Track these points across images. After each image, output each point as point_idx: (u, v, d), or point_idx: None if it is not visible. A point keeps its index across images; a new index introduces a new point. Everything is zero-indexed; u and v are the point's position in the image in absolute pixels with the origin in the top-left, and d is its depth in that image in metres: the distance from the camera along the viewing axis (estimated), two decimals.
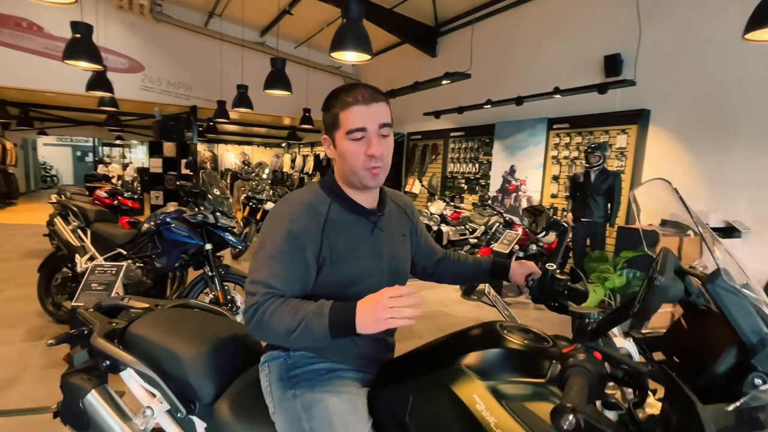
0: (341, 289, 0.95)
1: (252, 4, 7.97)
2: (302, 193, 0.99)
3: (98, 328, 1.03)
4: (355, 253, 0.98)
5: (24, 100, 9.76)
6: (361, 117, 0.92)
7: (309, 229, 0.91)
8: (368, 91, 0.95)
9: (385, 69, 9.64)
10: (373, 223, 1.05)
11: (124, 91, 8.71)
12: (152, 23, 8.73)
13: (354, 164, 0.94)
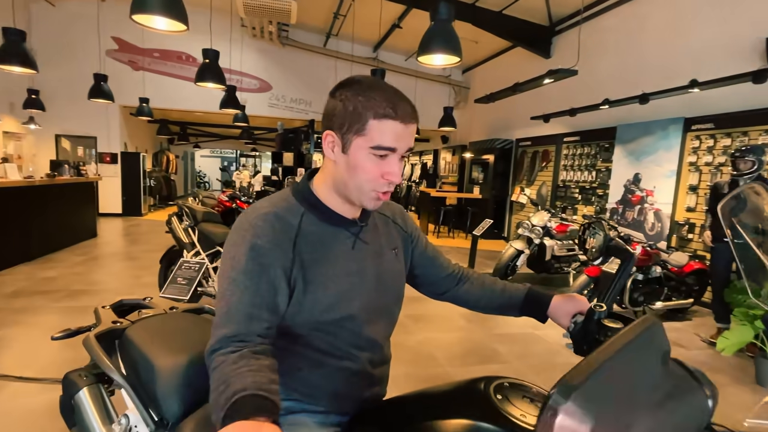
0: (319, 314, 0.78)
1: (365, 22, 8.27)
2: (269, 202, 0.82)
3: (97, 327, 1.04)
4: (335, 270, 0.80)
5: (182, 119, 11.71)
6: (396, 136, 0.74)
7: (277, 244, 0.75)
8: (408, 107, 0.76)
9: (496, 74, 9.17)
10: (355, 234, 0.86)
11: (256, 108, 9.80)
12: (279, 47, 9.66)
13: (365, 183, 0.77)
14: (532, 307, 0.97)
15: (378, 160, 0.76)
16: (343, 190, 0.81)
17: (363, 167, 0.76)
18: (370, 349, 0.86)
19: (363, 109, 0.75)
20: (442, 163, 12.78)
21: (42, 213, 5.34)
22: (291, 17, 6.51)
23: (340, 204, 0.84)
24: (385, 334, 0.91)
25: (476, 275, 1.07)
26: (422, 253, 1.02)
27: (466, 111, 10.94)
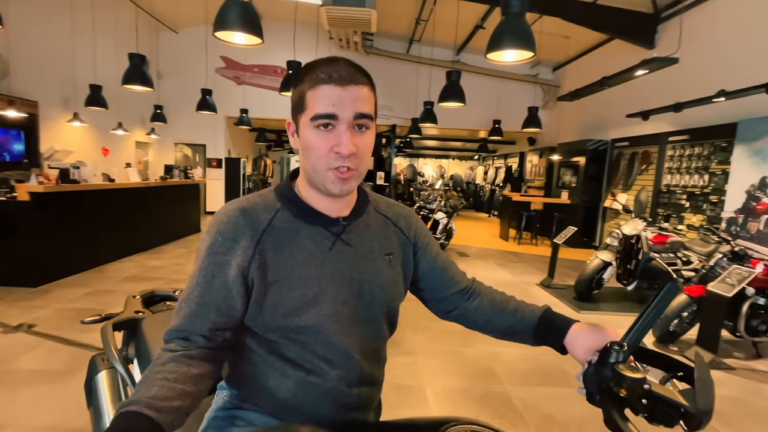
0: (281, 318, 0.70)
1: (447, 25, 8.11)
2: (246, 197, 0.76)
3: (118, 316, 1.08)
4: (303, 272, 0.71)
5: (278, 128, 12.64)
6: (334, 100, 0.67)
7: (237, 241, 0.69)
8: (347, 69, 0.68)
9: (591, 70, 8.35)
10: (335, 234, 0.76)
11: None
12: (364, 56, 9.91)
13: (317, 161, 0.69)
14: (546, 333, 0.78)
15: (325, 134, 0.68)
16: (310, 180, 0.73)
17: (311, 144, 0.69)
18: (342, 365, 0.74)
19: (302, 85, 0.70)
20: (528, 166, 12.03)
21: (155, 210, 6.12)
22: (371, 26, 6.60)
23: (320, 200, 0.75)
24: (364, 350, 0.77)
25: (488, 291, 0.90)
26: (429, 264, 0.88)
27: (555, 111, 10.16)
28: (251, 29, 3.04)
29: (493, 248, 7.73)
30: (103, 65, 7.65)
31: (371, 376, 0.79)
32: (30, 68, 6.35)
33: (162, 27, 9.62)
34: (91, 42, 7.46)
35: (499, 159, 14.67)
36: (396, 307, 0.84)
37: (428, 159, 16.57)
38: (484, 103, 10.12)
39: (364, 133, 0.71)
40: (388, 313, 0.81)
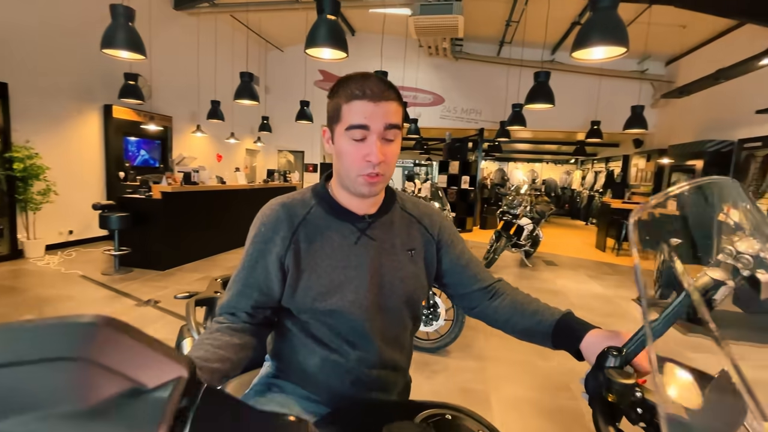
0: (312, 300, 0.79)
1: (540, 25, 7.73)
2: (288, 195, 0.88)
3: (200, 294, 1.26)
4: (329, 262, 0.81)
5: None
6: (366, 114, 0.75)
7: (277, 232, 0.81)
8: (380, 85, 0.76)
9: (714, 62, 7.30)
10: (361, 230, 0.84)
11: (428, 121, 10.24)
12: (452, 61, 9.86)
13: (349, 167, 0.78)
14: (563, 338, 0.76)
15: (357, 144, 0.77)
16: (341, 181, 0.82)
17: (345, 152, 0.78)
18: (362, 347, 0.82)
19: (338, 98, 0.78)
20: (633, 171, 10.83)
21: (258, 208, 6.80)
22: (458, 32, 6.59)
23: (349, 199, 0.84)
24: (385, 336, 0.84)
25: (512, 292, 0.91)
26: (452, 260, 0.93)
27: (666, 110, 9.03)
28: (337, 45, 3.27)
29: (586, 258, 7.14)
30: (221, 82, 8.73)
31: (391, 361, 0.86)
32: (165, 88, 7.53)
33: (270, 46, 10.67)
34: (212, 62, 8.58)
35: (600, 163, 13.43)
36: (417, 298, 0.89)
37: (519, 163, 15.81)
38: (581, 104, 9.40)
39: (391, 143, 0.78)
40: (408, 303, 0.87)
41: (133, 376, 0.20)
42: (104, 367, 0.19)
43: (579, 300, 4.47)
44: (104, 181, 6.36)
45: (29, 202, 4.95)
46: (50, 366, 0.18)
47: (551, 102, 4.99)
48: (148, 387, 0.20)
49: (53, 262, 4.86)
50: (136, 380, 0.20)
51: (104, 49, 3.57)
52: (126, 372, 0.20)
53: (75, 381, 0.19)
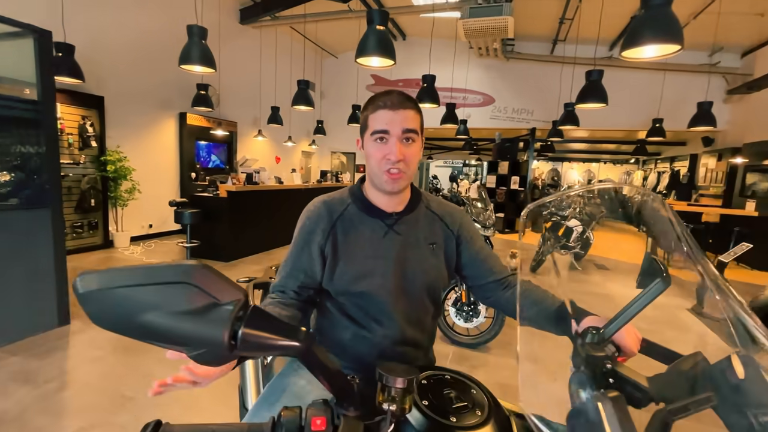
0: (347, 283, 0.93)
1: (595, 22, 7.40)
2: (329, 194, 1.02)
3: (257, 279, 1.44)
4: (361, 252, 0.94)
5: None
6: (387, 120, 0.89)
7: (319, 224, 0.95)
8: (399, 98, 0.91)
9: None
10: (388, 225, 0.97)
11: (478, 121, 10.13)
12: (503, 61, 9.68)
13: (375, 166, 0.92)
14: (563, 324, 0.83)
15: (380, 145, 0.91)
16: (372, 181, 0.96)
17: (371, 153, 0.92)
18: (387, 325, 0.94)
19: (366, 110, 0.94)
20: (702, 171, 9.99)
21: None
22: (509, 32, 6.48)
23: (379, 197, 0.97)
24: (408, 317, 0.96)
25: (523, 282, 0.98)
26: (471, 255, 1.03)
27: (741, 105, 8.25)
28: (385, 53, 3.42)
29: (638, 264, 6.73)
30: (280, 89, 9.24)
31: (413, 339, 0.98)
32: (231, 96, 8.12)
33: (325, 54, 11.09)
34: (273, 71, 9.11)
35: (664, 162, 12.50)
36: (437, 286, 1.00)
37: (574, 163, 15.09)
38: (642, 101, 8.85)
39: (410, 144, 0.92)
40: (428, 290, 0.98)
41: (214, 294, 0.34)
42: (199, 288, 0.33)
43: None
44: (179, 181, 7.01)
45: (118, 199, 5.61)
46: (171, 286, 0.33)
47: (604, 101, 4.80)
48: (221, 302, 0.34)
49: (137, 252, 5.47)
50: (215, 297, 0.34)
51: (182, 65, 3.99)
52: (210, 292, 0.34)
53: (183, 295, 0.33)
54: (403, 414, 0.46)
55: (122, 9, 5.70)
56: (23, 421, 1.91)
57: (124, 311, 0.33)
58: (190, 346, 0.33)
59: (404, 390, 0.46)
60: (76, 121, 5.19)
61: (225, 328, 0.32)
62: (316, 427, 0.41)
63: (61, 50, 4.30)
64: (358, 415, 0.45)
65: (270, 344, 0.34)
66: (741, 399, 0.49)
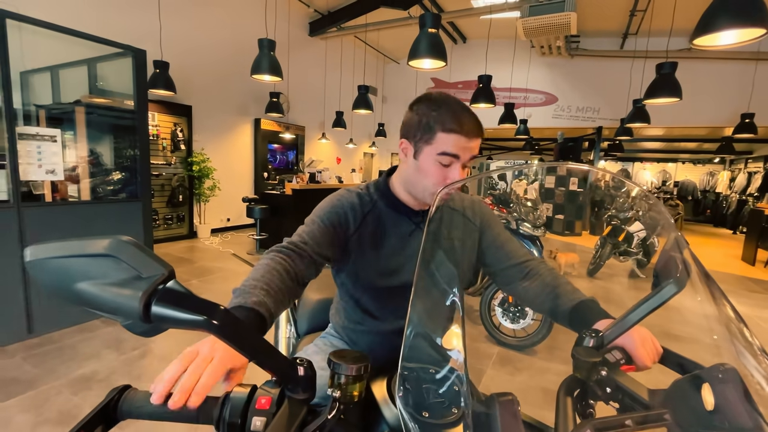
0: (376, 277, 0.90)
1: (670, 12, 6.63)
2: (360, 186, 0.97)
3: None
4: (388, 249, 0.90)
5: None
6: (460, 147, 0.82)
7: (348, 214, 0.89)
8: (474, 125, 0.83)
9: None
10: (416, 224, 0.93)
11: (539, 121, 9.57)
12: (567, 59, 9.04)
13: (428, 184, 0.85)
14: (577, 322, 0.75)
15: (443, 168, 0.83)
16: (411, 188, 0.90)
17: (429, 171, 0.84)
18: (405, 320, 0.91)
19: (433, 123, 0.82)
20: None
21: None
22: (571, 29, 6.03)
23: (409, 198, 0.93)
24: None
25: (546, 272, 0.90)
26: (490, 240, 0.97)
27: None
28: (436, 55, 3.35)
29: (725, 272, 5.92)
30: (344, 94, 9.49)
31: None
32: (300, 102, 8.50)
33: (387, 60, 11.18)
34: (337, 77, 9.38)
35: (756, 162, 10.86)
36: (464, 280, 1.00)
37: (647, 163, 13.64)
38: (728, 94, 7.77)
39: (467, 167, 0.87)
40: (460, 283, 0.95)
41: (137, 268, 0.35)
42: (123, 261, 0.34)
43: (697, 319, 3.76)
44: (253, 180, 7.50)
45: (202, 195, 6.14)
46: (100, 258, 0.34)
47: (678, 95, 4.28)
48: (143, 275, 0.35)
49: (215, 242, 5.95)
50: (138, 270, 0.35)
51: (253, 75, 4.25)
52: (134, 265, 0.35)
53: (109, 267, 0.34)
54: (351, 401, 0.45)
55: (207, 27, 6.23)
56: (110, 381, 2.17)
57: (62, 280, 0.35)
58: (119, 315, 0.35)
59: (354, 377, 0.44)
60: (169, 127, 5.77)
61: (141, 300, 0.33)
62: (260, 405, 0.41)
63: (158, 67, 4.80)
64: (306, 398, 0.43)
65: (182, 318, 0.34)
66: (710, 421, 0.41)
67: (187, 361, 0.45)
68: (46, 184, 2.86)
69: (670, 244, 0.58)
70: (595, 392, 0.52)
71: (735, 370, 0.43)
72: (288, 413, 0.41)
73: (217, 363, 0.45)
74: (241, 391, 0.43)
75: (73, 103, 3.47)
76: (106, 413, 0.41)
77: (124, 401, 0.43)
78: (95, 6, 4.79)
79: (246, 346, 0.39)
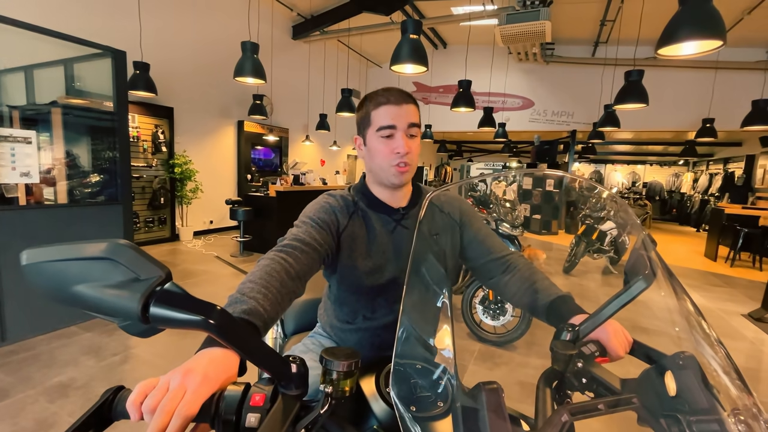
0: (361, 276, 0.90)
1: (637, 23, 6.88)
2: (342, 190, 0.98)
3: None
4: (372, 247, 0.90)
5: (458, 139, 12.98)
6: (392, 115, 0.85)
7: (336, 214, 0.90)
8: (400, 94, 0.88)
9: None
10: (396, 221, 0.94)
11: (517, 124, 9.77)
12: (543, 65, 9.26)
13: (382, 161, 0.87)
14: (554, 317, 0.77)
15: (386, 141, 0.86)
16: (375, 176, 0.92)
17: (377, 149, 0.88)
18: (393, 317, 0.93)
19: (368, 107, 0.89)
20: (760, 173, 8.98)
21: None
22: (546, 37, 6.19)
23: (384, 193, 0.94)
24: None
25: (525, 267, 0.92)
26: (470, 236, 0.98)
27: None
28: (417, 60, 3.38)
29: (690, 267, 6.17)
30: (327, 97, 9.46)
31: None
32: (283, 105, 8.42)
33: (370, 64, 11.20)
34: (321, 81, 9.34)
35: (717, 164, 11.37)
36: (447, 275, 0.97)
37: (618, 165, 14.10)
38: (691, 100, 8.11)
39: (414, 138, 0.88)
40: None
41: (135, 270, 0.35)
42: (121, 264, 0.35)
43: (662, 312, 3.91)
44: (236, 182, 7.38)
45: (184, 197, 6.00)
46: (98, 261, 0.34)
47: (644, 101, 4.45)
48: (141, 277, 0.35)
49: (198, 245, 5.83)
50: (136, 273, 0.35)
51: (236, 77, 4.20)
52: (132, 268, 0.35)
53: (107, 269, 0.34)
54: (342, 396, 0.46)
55: (189, 29, 6.10)
56: (89, 388, 2.10)
57: (59, 283, 0.35)
58: (116, 317, 0.35)
59: (345, 373, 0.45)
60: (150, 129, 5.63)
61: (139, 302, 0.33)
62: (254, 402, 0.42)
63: (139, 68, 4.68)
64: (299, 395, 0.44)
65: (180, 318, 0.35)
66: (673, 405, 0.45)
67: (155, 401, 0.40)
68: (20, 187, 2.75)
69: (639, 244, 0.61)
70: (572, 383, 0.55)
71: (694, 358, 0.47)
72: (282, 409, 0.42)
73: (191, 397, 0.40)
74: (235, 389, 0.43)
75: (49, 104, 3.34)
76: (100, 414, 0.41)
77: (118, 402, 0.42)
78: (74, 6, 4.64)
79: (242, 345, 0.40)
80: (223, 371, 0.45)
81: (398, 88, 0.89)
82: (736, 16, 6.53)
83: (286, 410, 0.42)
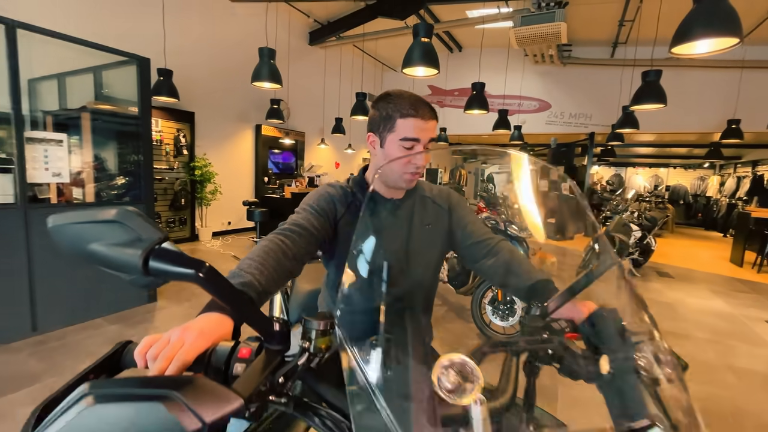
0: None
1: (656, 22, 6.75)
2: (342, 182, 1.04)
3: None
4: None
5: (471, 141, 12.95)
6: (418, 130, 0.90)
7: (335, 204, 0.96)
8: (428, 109, 0.92)
9: None
10: (388, 210, 1.01)
11: (533, 127, 9.67)
12: (560, 67, 9.16)
13: (397, 167, 0.93)
14: (534, 299, 0.81)
15: (406, 151, 0.91)
16: (384, 178, 0.97)
17: (395, 156, 0.93)
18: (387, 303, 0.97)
19: (392, 112, 0.91)
20: None
21: None
22: (562, 38, 6.14)
23: (383, 188, 1.00)
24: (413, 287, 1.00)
25: (509, 251, 0.97)
26: (457, 221, 1.05)
27: None
28: (428, 63, 3.43)
29: (714, 273, 5.98)
30: (343, 101, 9.60)
31: None
32: (300, 109, 8.59)
33: (385, 68, 11.31)
34: (336, 85, 9.49)
35: (745, 167, 10.97)
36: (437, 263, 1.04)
37: (639, 168, 13.75)
38: (715, 101, 7.88)
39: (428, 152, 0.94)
40: (428, 267, 1.03)
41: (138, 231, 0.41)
42: (127, 226, 0.41)
43: (692, 315, 3.81)
44: (253, 184, 7.57)
45: (203, 199, 6.20)
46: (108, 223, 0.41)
47: (663, 102, 4.37)
48: (143, 238, 0.41)
49: (216, 245, 6.00)
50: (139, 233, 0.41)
51: (253, 82, 4.34)
52: (136, 229, 0.41)
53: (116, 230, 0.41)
54: (318, 351, 0.51)
55: (210, 36, 6.33)
56: None
57: (77, 242, 0.42)
58: (124, 272, 0.41)
59: (322, 332, 0.51)
60: (172, 133, 5.85)
61: (141, 257, 0.40)
62: (241, 354, 0.47)
63: (162, 74, 4.89)
64: (281, 350, 0.50)
65: (174, 272, 0.41)
66: None
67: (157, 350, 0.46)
68: (52, 187, 2.92)
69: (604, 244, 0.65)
70: (539, 354, 0.59)
71: (615, 310, 0.51)
72: (264, 359, 0.47)
73: (187, 347, 0.46)
74: (226, 344, 0.49)
75: (79, 110, 3.54)
76: (111, 363, 0.48)
77: (127, 353, 0.49)
78: (101, 15, 4.89)
79: (229, 299, 0.46)
80: (217, 330, 0.52)
81: (424, 100, 0.92)
82: (761, 15, 6.33)
83: (268, 361, 0.47)
